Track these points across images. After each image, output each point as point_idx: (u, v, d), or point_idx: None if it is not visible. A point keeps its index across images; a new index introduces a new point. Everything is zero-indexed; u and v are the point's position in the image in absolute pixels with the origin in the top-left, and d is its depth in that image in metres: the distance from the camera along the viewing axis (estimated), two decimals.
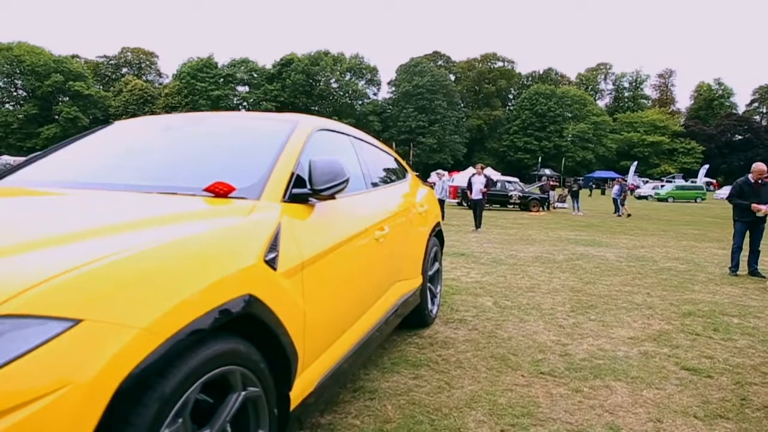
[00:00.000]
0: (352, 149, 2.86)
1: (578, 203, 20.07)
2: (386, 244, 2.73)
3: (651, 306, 4.87)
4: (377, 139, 3.72)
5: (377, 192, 2.92)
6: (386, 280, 2.82)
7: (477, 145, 73.42)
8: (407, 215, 3.32)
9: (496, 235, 11.24)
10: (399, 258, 3.08)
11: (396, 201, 3.19)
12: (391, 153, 3.83)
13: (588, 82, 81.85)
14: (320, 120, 2.55)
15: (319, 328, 1.89)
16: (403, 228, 3.19)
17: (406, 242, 3.25)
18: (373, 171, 3.07)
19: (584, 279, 6.22)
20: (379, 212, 2.75)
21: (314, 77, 67.11)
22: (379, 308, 2.68)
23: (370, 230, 2.48)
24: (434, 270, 4.13)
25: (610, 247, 9.59)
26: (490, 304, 4.76)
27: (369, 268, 2.49)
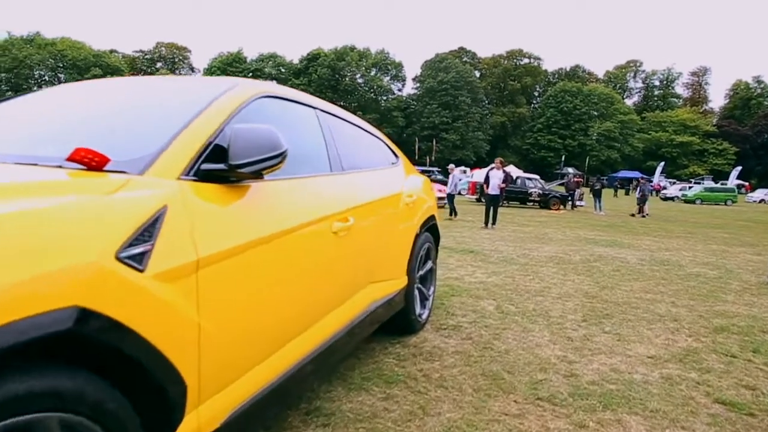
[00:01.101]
0: (316, 124, 2.39)
1: (600, 203, 19.23)
2: (352, 239, 2.26)
3: (676, 318, 4.30)
4: (375, 126, 3.28)
5: (347, 177, 2.44)
6: (351, 281, 2.34)
7: (500, 142, 72.27)
8: (388, 206, 2.85)
9: (511, 232, 10.65)
10: (373, 255, 2.61)
11: (373, 188, 2.71)
12: (377, 134, 3.35)
13: (616, 80, 79.69)
14: (268, 85, 2.07)
15: (228, 346, 1.43)
16: (380, 220, 2.71)
17: (385, 237, 2.77)
18: (345, 152, 2.59)
19: (601, 283, 5.64)
20: (344, 200, 2.27)
21: (340, 72, 66.92)
22: (339, 316, 2.21)
23: (324, 221, 2.01)
24: (426, 269, 3.65)
25: (631, 248, 8.94)
26: (492, 309, 4.25)
27: (321, 268, 2.01)
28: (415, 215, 3.24)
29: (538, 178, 23.35)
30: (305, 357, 1.87)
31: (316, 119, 2.40)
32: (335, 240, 2.09)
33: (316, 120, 2.40)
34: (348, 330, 2.28)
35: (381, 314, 2.78)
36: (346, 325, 2.26)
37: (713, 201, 33.86)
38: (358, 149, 2.85)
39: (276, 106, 2.07)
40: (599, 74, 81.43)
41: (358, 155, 2.80)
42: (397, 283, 2.96)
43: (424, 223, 3.40)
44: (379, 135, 3.37)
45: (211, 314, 1.33)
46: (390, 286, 2.86)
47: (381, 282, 2.74)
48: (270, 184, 1.73)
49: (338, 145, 2.51)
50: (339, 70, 66.71)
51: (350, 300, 2.34)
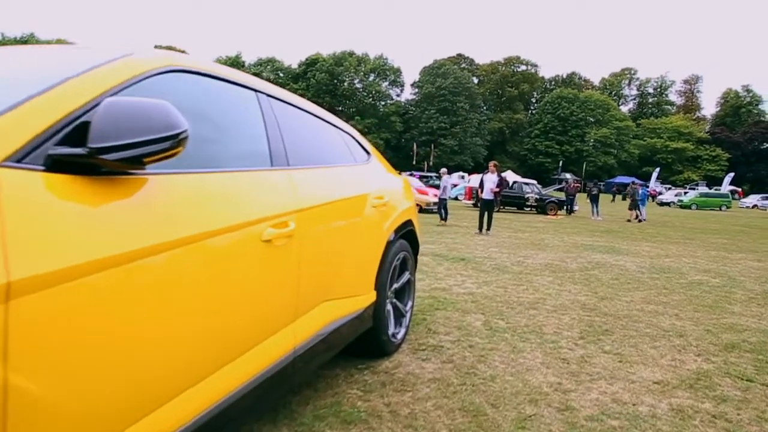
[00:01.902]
0: (255, 110, 1.97)
1: (597, 208, 18.88)
2: (293, 249, 1.85)
3: (682, 333, 3.89)
4: (340, 116, 2.87)
5: (293, 173, 2.02)
6: (293, 301, 1.92)
7: (498, 148, 72.07)
8: (350, 209, 2.43)
9: (506, 238, 10.25)
10: (327, 267, 2.19)
11: (330, 188, 2.30)
12: (345, 128, 2.94)
13: (612, 87, 79.69)
14: (182, 57, 1.65)
15: (68, 417, 1.01)
16: (338, 226, 2.30)
17: (345, 245, 2.35)
18: (295, 145, 2.18)
19: (599, 293, 5.23)
20: (285, 201, 1.85)
21: (338, 77, 66.61)
22: (274, 346, 1.78)
23: (248, 227, 1.59)
24: (402, 282, 3.23)
25: (630, 255, 8.54)
26: (479, 325, 3.83)
27: (240, 288, 1.57)
28: (387, 220, 2.83)
29: (535, 183, 23.01)
30: (210, 409, 1.43)
31: (256, 104, 1.98)
32: (266, 250, 1.67)
33: (257, 105, 1.99)
34: (288, 363, 1.86)
35: (340, 338, 2.37)
36: (283, 357, 1.83)
37: (708, 206, 33.69)
38: (314, 143, 2.44)
39: (193, 85, 1.66)
40: (595, 81, 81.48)
41: (313, 149, 2.39)
42: (361, 299, 2.54)
43: (398, 228, 2.99)
44: (347, 129, 2.97)
45: (30, 361, 0.91)
46: (352, 303, 2.44)
47: (339, 299, 2.32)
48: (166, 178, 1.32)
49: (286, 136, 2.09)
50: (337, 75, 66.42)
51: (292, 325, 1.92)
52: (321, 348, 2.16)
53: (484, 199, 10.99)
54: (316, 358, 2.16)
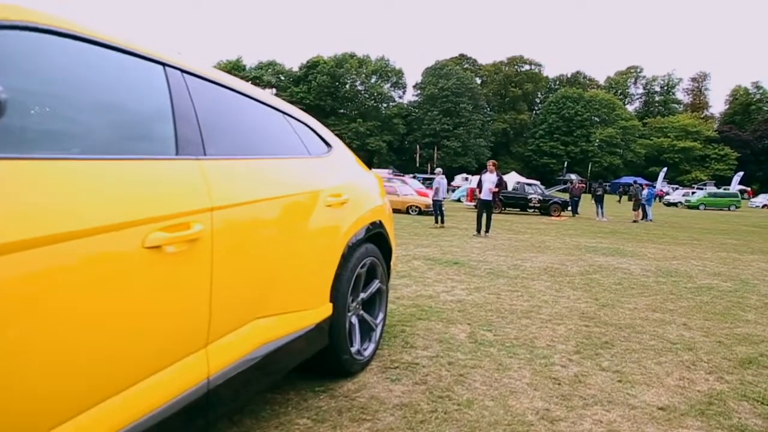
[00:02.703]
0: (160, 88, 1.60)
1: (602, 208, 18.40)
2: (200, 256, 1.48)
3: (691, 345, 3.48)
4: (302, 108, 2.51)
5: (211, 164, 1.65)
6: (201, 321, 1.55)
7: (502, 149, 71.60)
8: (292, 207, 2.06)
9: (505, 240, 9.84)
10: (257, 279, 1.82)
11: (263, 183, 1.92)
12: (297, 114, 2.56)
13: (617, 86, 79.02)
14: (47, 14, 1.28)
15: None
16: (273, 228, 1.93)
17: (285, 252, 1.98)
18: (219, 131, 1.82)
19: (600, 300, 4.83)
20: (185, 197, 1.49)
21: (340, 79, 66.34)
22: (168, 380, 1.41)
23: (118, 230, 1.22)
24: (371, 292, 2.85)
25: (635, 257, 8.11)
26: (464, 337, 3.44)
27: (107, 307, 1.21)
28: (347, 221, 2.45)
29: (538, 184, 22.57)
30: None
31: (162, 80, 1.62)
32: (153, 259, 1.30)
33: (163, 81, 1.62)
34: (198, 397, 1.49)
35: (281, 361, 1.99)
36: (189, 391, 1.46)
37: (717, 206, 33.07)
38: (249, 130, 2.07)
39: (63, 50, 1.29)
40: (600, 80, 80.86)
41: (246, 138, 2.03)
42: (312, 314, 2.17)
43: (363, 231, 2.61)
44: (302, 117, 2.59)
45: None
46: (298, 319, 2.07)
47: (279, 315, 1.95)
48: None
49: (205, 120, 1.73)
50: (338, 77, 66.14)
51: (204, 350, 1.55)
52: (252, 375, 1.78)
53: (482, 199, 10.57)
54: (246, 388, 1.79)
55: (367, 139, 63.56)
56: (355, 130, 63.25)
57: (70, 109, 1.31)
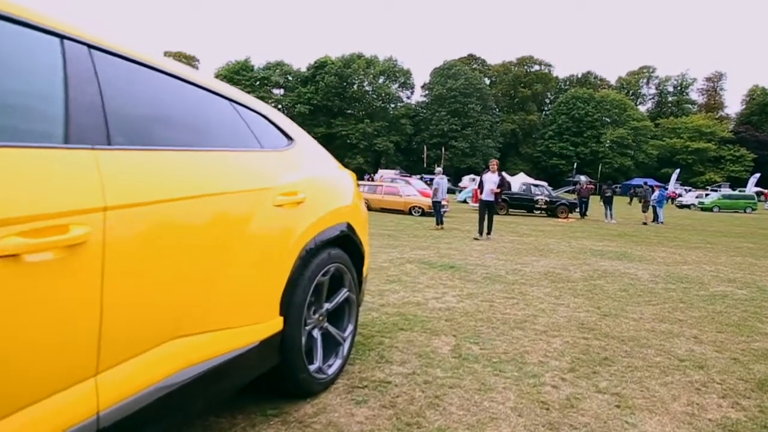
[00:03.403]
0: (54, 62, 1.32)
1: (611, 210, 17.94)
2: (81, 265, 1.19)
3: (702, 363, 3.13)
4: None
5: (112, 155, 1.36)
6: (86, 344, 1.25)
7: (511, 150, 70.97)
8: (224, 207, 1.75)
9: (507, 243, 9.48)
10: (172, 291, 1.51)
11: (184, 178, 1.61)
12: (251, 103, 2.26)
13: (629, 86, 77.99)
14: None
15: None
16: (197, 231, 1.62)
17: (213, 258, 1.67)
18: (135, 118, 1.53)
19: (603, 309, 4.47)
20: (63, 194, 1.19)
21: (347, 80, 66.10)
22: (44, 420, 1.12)
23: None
24: (337, 302, 2.54)
25: (643, 261, 7.72)
26: (447, 351, 3.11)
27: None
28: (304, 223, 2.14)
29: (545, 185, 22.15)
30: None
31: (57, 55, 1.33)
32: (7, 269, 1.01)
33: (58, 57, 1.33)
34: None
35: (211, 388, 1.69)
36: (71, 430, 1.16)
37: (732, 209, 32.37)
38: (176, 118, 1.77)
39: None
40: (611, 80, 79.83)
41: (171, 127, 1.72)
42: (253, 330, 1.86)
43: (325, 234, 2.30)
44: (257, 107, 2.29)
45: None
46: (234, 337, 1.76)
47: (207, 334, 1.65)
48: None
49: (113, 104, 1.43)
50: (346, 77, 65.88)
51: (93, 379, 1.25)
52: (167, 406, 1.48)
53: (483, 200, 10.20)
54: (158, 422, 1.48)
55: (375, 140, 63.29)
56: (363, 131, 63.01)
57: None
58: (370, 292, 4.65)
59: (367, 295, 4.50)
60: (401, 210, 16.95)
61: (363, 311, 3.96)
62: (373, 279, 5.27)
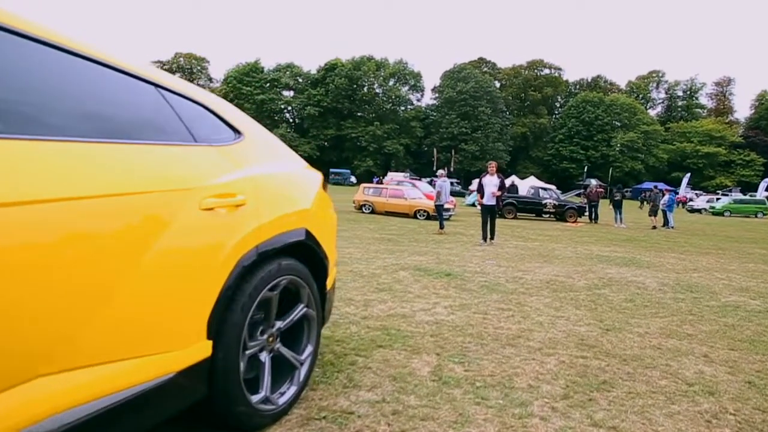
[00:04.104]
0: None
1: (621, 215, 17.46)
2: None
3: (713, 387, 2.77)
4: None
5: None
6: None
7: (521, 153, 70.42)
8: (126, 211, 1.44)
9: (511, 248, 9.12)
10: (44, 315, 1.21)
11: (67, 174, 1.31)
12: (187, 91, 1.95)
13: (639, 90, 77.17)
14: None
15: None
16: (82, 239, 1.32)
17: (107, 273, 1.37)
18: (14, 102, 1.24)
19: (605, 321, 4.12)
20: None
21: (357, 82, 65.97)
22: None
23: None
24: (292, 320, 2.23)
25: (652, 268, 7.32)
26: (426, 373, 2.79)
27: None
28: (240, 229, 1.83)
29: (554, 189, 21.72)
30: None
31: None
32: None
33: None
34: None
35: (108, 430, 1.38)
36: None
37: (743, 213, 31.65)
38: (75, 103, 1.47)
39: None
40: (621, 84, 79.10)
41: (68, 113, 1.43)
42: (167, 359, 1.55)
43: (273, 242, 1.99)
44: (196, 95, 1.99)
45: None
46: (138, 368, 1.45)
47: (98, 366, 1.34)
48: None
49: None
50: (356, 80, 65.70)
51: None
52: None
53: (484, 205, 9.83)
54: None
55: (384, 142, 63.12)
56: (373, 133, 62.86)
57: None
58: (355, 302, 4.33)
59: (350, 306, 4.19)
60: (406, 213, 16.61)
61: (342, 324, 3.65)
62: (362, 288, 4.96)
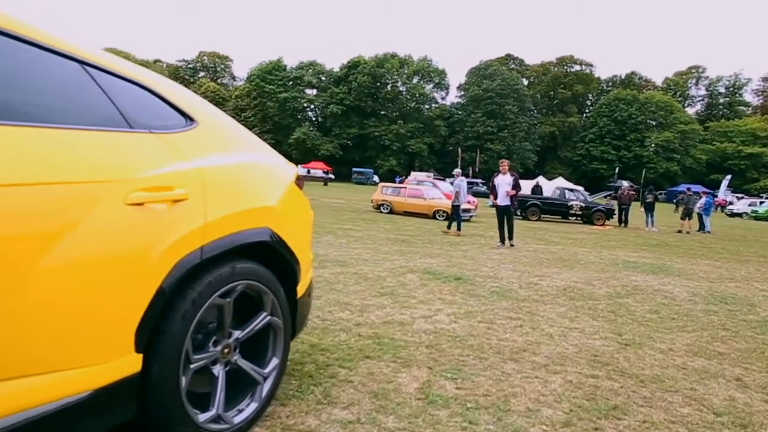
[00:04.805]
0: None
1: (653, 218, 16.70)
2: None
3: (746, 419, 2.40)
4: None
5: None
6: None
7: (549, 153, 68.90)
8: (23, 205, 1.22)
9: (530, 252, 8.71)
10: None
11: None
12: (124, 71, 1.72)
13: (677, 87, 74.36)
14: None
15: None
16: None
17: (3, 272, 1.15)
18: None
19: (624, 335, 3.75)
20: None
21: (380, 80, 65.67)
22: None
23: None
24: (252, 329, 1.99)
25: (683, 276, 6.83)
26: (413, 390, 2.50)
27: None
28: (180, 226, 1.59)
29: (581, 190, 21.00)
30: None
31: None
32: None
33: None
34: None
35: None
36: None
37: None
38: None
39: None
40: (657, 81, 76.41)
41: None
42: (82, 376, 1.33)
43: (224, 241, 1.75)
44: (136, 76, 1.76)
45: None
46: (41, 387, 1.23)
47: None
48: None
49: None
50: (380, 77, 65.31)
51: None
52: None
53: (499, 205, 9.42)
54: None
55: (408, 141, 62.66)
56: (396, 132, 62.49)
57: None
58: (351, 307, 4.08)
59: (345, 311, 3.94)
60: (425, 214, 16.29)
61: (332, 331, 3.40)
62: (362, 291, 4.70)
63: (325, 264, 6.03)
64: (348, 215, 14.78)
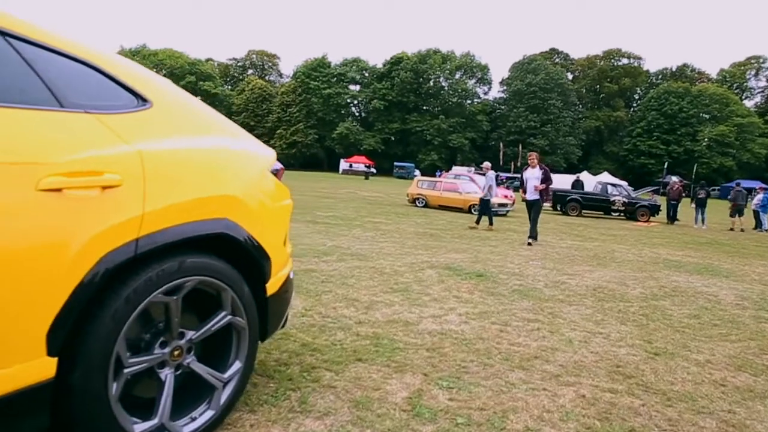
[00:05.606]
0: None
1: (703, 215, 15.68)
2: None
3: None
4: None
5: None
6: None
7: (594, 148, 66.56)
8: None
9: (563, 248, 8.25)
10: None
11: None
12: (54, 43, 1.53)
13: (733, 78, 70.08)
14: None
15: None
16: None
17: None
18: None
19: (655, 343, 3.37)
20: None
21: (423, 75, 65.27)
22: None
23: None
24: (209, 329, 1.80)
25: (731, 278, 6.25)
26: (400, 399, 2.26)
27: None
28: (109, 215, 1.41)
29: (624, 185, 20.06)
30: None
31: None
32: None
33: None
34: None
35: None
36: None
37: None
38: None
39: None
40: (712, 73, 72.32)
41: None
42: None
43: (168, 232, 1.56)
44: (70, 49, 1.56)
45: None
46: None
47: None
48: None
49: None
50: (422, 73, 64.89)
51: None
52: None
53: (528, 200, 8.95)
54: None
55: (450, 136, 62.05)
56: (438, 127, 61.99)
57: None
58: (357, 303, 3.86)
59: (350, 308, 3.73)
60: (460, 208, 15.89)
61: (329, 329, 3.19)
62: (374, 287, 4.48)
63: (344, 257, 5.85)
64: (382, 209, 14.58)
